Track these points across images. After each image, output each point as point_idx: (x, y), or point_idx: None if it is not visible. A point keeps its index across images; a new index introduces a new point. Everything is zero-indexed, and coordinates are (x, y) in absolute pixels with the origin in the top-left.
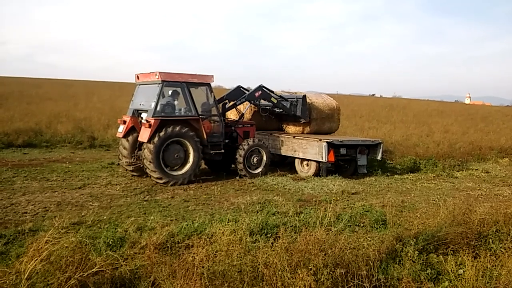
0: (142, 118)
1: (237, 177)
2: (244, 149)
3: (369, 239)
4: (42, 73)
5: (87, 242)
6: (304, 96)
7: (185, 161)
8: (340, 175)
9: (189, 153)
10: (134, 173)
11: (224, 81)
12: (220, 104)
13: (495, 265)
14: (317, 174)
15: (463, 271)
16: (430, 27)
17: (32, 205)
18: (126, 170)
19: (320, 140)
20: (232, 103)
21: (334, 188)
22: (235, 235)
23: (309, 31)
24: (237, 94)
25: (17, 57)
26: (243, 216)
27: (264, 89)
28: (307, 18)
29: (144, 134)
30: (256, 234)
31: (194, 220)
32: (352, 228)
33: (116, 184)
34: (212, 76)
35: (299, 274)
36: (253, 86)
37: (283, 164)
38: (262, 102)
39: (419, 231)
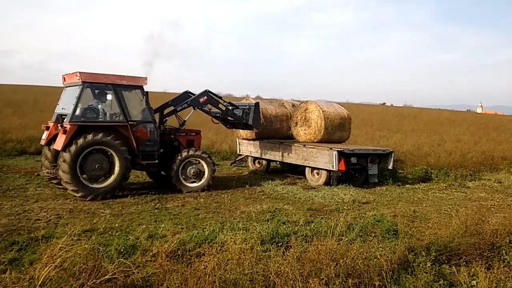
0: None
1: (247, 186)
2: (177, 160)
3: (381, 249)
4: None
5: (99, 249)
6: (257, 104)
7: (110, 172)
8: (350, 184)
9: (114, 163)
10: (59, 186)
11: (234, 89)
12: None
13: (509, 277)
14: (327, 183)
15: (476, 283)
16: (441, 35)
17: (44, 212)
18: (46, 181)
19: (331, 149)
20: (172, 109)
21: (345, 197)
22: (246, 243)
23: (318, 39)
24: (183, 99)
25: (30, 65)
26: (254, 225)
27: (210, 95)
28: (316, 26)
29: (59, 142)
30: (267, 243)
31: (204, 228)
32: (363, 238)
33: (127, 192)
34: (146, 78)
35: (310, 284)
36: (263, 95)
37: (294, 173)
38: (213, 109)
39: (431, 241)
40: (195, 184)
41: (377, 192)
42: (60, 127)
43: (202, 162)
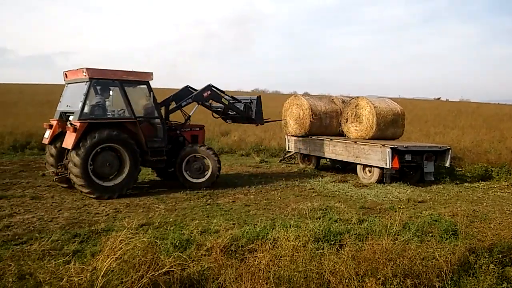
0: (70, 122)
1: (297, 183)
2: (181, 155)
3: (440, 249)
4: None
5: (157, 242)
6: (259, 98)
7: (120, 170)
8: (405, 182)
9: (125, 161)
10: (63, 185)
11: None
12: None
13: None
14: (380, 181)
15: None
16: (499, 27)
17: (103, 206)
18: (54, 181)
19: (384, 145)
20: (176, 104)
21: (399, 196)
22: (299, 241)
23: (369, 34)
24: (185, 95)
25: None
26: (306, 222)
27: (214, 89)
28: (367, 20)
29: (68, 140)
30: (320, 241)
31: (255, 224)
32: (420, 238)
33: (180, 188)
34: (151, 73)
35: (367, 283)
36: (312, 91)
37: (345, 170)
38: (214, 104)
39: (493, 242)
40: (199, 180)
41: (434, 190)
42: (69, 125)
43: (207, 157)
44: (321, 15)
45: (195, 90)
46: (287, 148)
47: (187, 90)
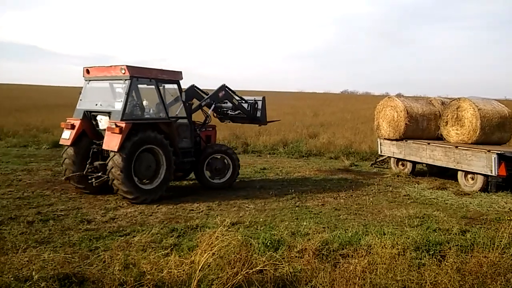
0: (99, 122)
1: (390, 188)
2: (204, 155)
3: None
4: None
5: (251, 241)
6: (264, 98)
7: (156, 173)
8: None
9: (161, 163)
10: (78, 185)
11: (373, 88)
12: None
13: None
14: (484, 189)
15: None
16: None
17: (197, 203)
18: (77, 187)
19: (489, 151)
20: (197, 104)
21: (506, 206)
22: (396, 249)
23: (468, 31)
24: (191, 94)
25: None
26: (404, 230)
27: (227, 89)
28: (466, 16)
29: (112, 141)
30: (418, 250)
31: (346, 229)
32: None
33: (269, 189)
34: (181, 72)
35: None
36: (406, 93)
37: (443, 177)
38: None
39: None
40: (219, 180)
41: None
42: (114, 126)
43: (227, 157)
44: (416, 12)
45: (200, 89)
46: (379, 151)
47: (193, 89)
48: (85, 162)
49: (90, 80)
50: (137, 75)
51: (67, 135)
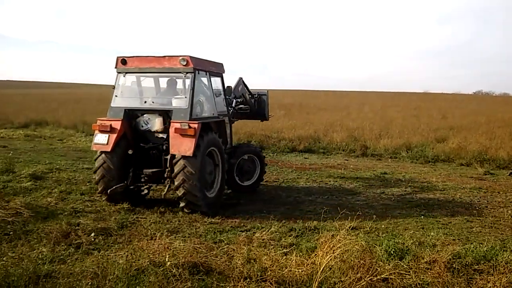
0: (145, 122)
1: None
2: (235, 155)
3: None
4: (318, 85)
5: (375, 247)
6: (267, 93)
7: (214, 179)
8: None
9: (218, 166)
10: (126, 205)
11: (508, 87)
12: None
13: None
14: None
15: None
16: None
17: (314, 205)
18: (112, 199)
19: None
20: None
21: None
22: None
23: None
24: (240, 89)
25: (295, 71)
26: None
27: (243, 83)
28: None
29: (183, 145)
30: None
31: (481, 243)
32: None
33: (391, 194)
34: (223, 64)
35: None
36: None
37: None
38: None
39: None
40: (247, 182)
41: None
42: (187, 127)
43: (256, 158)
44: None
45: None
46: None
47: (242, 84)
48: (126, 171)
49: (126, 73)
50: (199, 67)
51: (103, 139)
